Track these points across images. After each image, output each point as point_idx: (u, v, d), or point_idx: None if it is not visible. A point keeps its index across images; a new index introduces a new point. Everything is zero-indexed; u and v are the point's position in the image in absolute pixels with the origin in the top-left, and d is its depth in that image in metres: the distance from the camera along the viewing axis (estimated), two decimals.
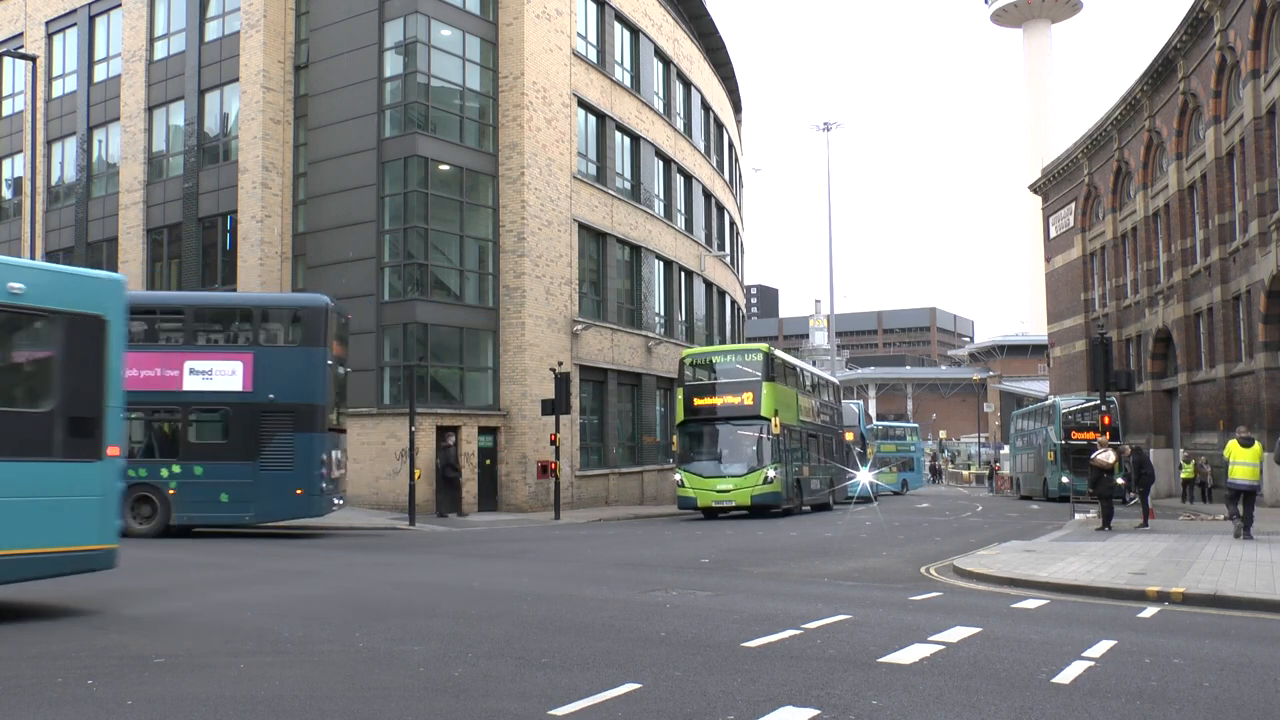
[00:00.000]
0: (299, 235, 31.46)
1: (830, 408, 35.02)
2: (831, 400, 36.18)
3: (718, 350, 30.12)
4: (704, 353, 30.50)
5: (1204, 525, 21.36)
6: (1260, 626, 9.10)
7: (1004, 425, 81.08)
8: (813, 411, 31.88)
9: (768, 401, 27.25)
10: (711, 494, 26.94)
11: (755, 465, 27.11)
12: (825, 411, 33.65)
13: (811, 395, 32.31)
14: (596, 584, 11.89)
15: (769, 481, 26.89)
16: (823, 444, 33.29)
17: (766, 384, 27.44)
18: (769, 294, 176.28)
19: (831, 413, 35.30)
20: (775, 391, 27.70)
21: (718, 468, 27.40)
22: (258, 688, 6.28)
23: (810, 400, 32.01)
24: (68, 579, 9.86)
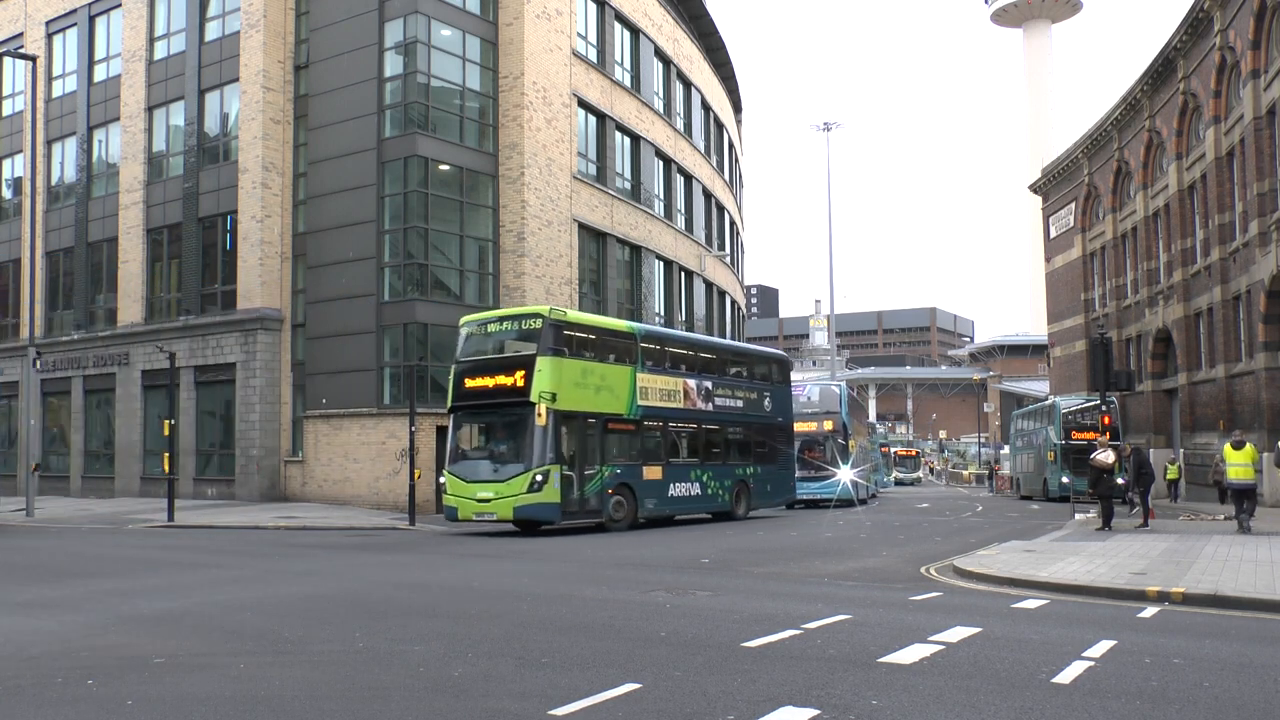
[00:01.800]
0: (299, 235, 31.47)
1: (752, 389, 27.69)
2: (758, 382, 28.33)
3: (495, 316, 23.07)
4: (481, 319, 23.09)
5: (1204, 525, 21.35)
6: (1260, 626, 9.10)
7: (1004, 425, 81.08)
8: (682, 395, 24.49)
9: (541, 381, 20.61)
10: (472, 503, 20.83)
11: (524, 467, 20.49)
12: (728, 395, 26.43)
13: (679, 374, 24.74)
14: (596, 584, 11.89)
15: (536, 488, 20.23)
16: (715, 438, 26.04)
17: (543, 359, 20.74)
18: (769, 294, 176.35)
19: (758, 396, 27.78)
20: (558, 369, 20.96)
21: (480, 469, 21.23)
22: (258, 688, 6.28)
23: (678, 381, 24.51)
24: (70, 578, 9.84)
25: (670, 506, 24.08)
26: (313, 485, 29.99)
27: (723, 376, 26.94)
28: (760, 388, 28.17)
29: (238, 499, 30.70)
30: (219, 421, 32.27)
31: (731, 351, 30.13)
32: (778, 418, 28.69)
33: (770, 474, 28.02)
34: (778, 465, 28.45)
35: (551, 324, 21.21)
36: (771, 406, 28.35)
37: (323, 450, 29.80)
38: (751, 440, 27.36)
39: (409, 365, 27.15)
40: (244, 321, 31.12)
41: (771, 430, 28.31)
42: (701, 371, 25.96)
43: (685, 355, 26.13)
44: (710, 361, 26.96)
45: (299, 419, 30.98)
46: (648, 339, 24.54)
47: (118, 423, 34.67)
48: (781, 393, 29.30)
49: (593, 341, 22.50)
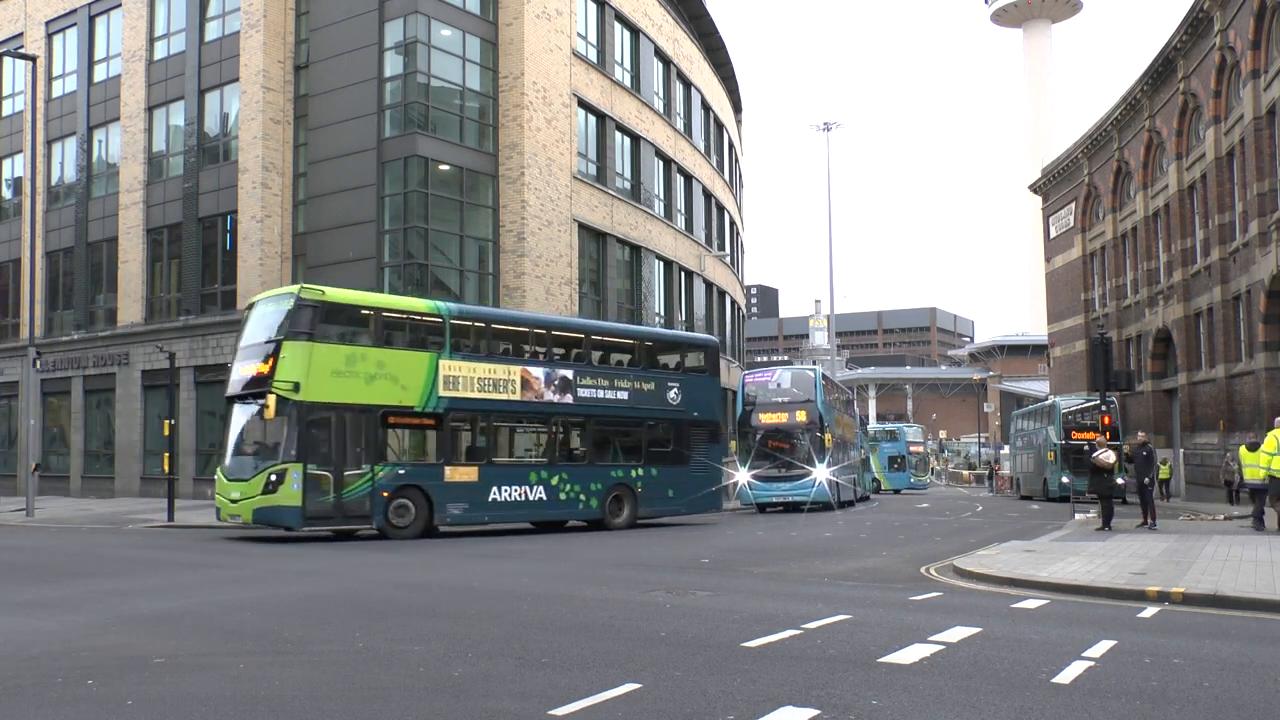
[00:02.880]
0: (299, 235, 31.47)
1: (649, 379, 23.96)
2: (660, 371, 24.79)
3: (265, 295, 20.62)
4: (254, 299, 20.79)
5: (1204, 525, 21.36)
6: (1260, 626, 9.10)
7: (1004, 425, 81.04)
8: (519, 385, 21.29)
9: (283, 369, 18.18)
10: (226, 503, 18.92)
11: (264, 464, 18.40)
12: (605, 386, 23.02)
13: (516, 361, 21.59)
14: (596, 584, 11.89)
15: (270, 488, 17.95)
16: (577, 435, 23.08)
17: (287, 344, 18.34)
18: (769, 294, 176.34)
19: (657, 387, 24.07)
20: (307, 356, 18.36)
21: (238, 466, 19.22)
22: (258, 688, 6.28)
23: (512, 368, 21.23)
24: (70, 578, 9.85)
25: (492, 513, 20.77)
26: None
27: (597, 364, 23.42)
28: (665, 378, 24.38)
29: None
30: (219, 421, 32.17)
31: (615, 335, 25.72)
32: (692, 412, 24.52)
33: (675, 477, 24.04)
34: (688, 467, 24.33)
35: (302, 304, 18.61)
36: (682, 399, 24.38)
37: None
38: (645, 438, 23.70)
39: None
40: None
41: (681, 427, 24.36)
42: (560, 358, 22.60)
43: (529, 339, 22.49)
44: (577, 346, 23.35)
45: None
46: (462, 319, 21.27)
47: (118, 423, 34.67)
48: (702, 384, 25.31)
49: (370, 324, 19.78)
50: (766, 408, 31.47)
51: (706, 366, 25.97)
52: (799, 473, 30.77)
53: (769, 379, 33.09)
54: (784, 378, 33.19)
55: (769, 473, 30.81)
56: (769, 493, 30.76)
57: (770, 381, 32.89)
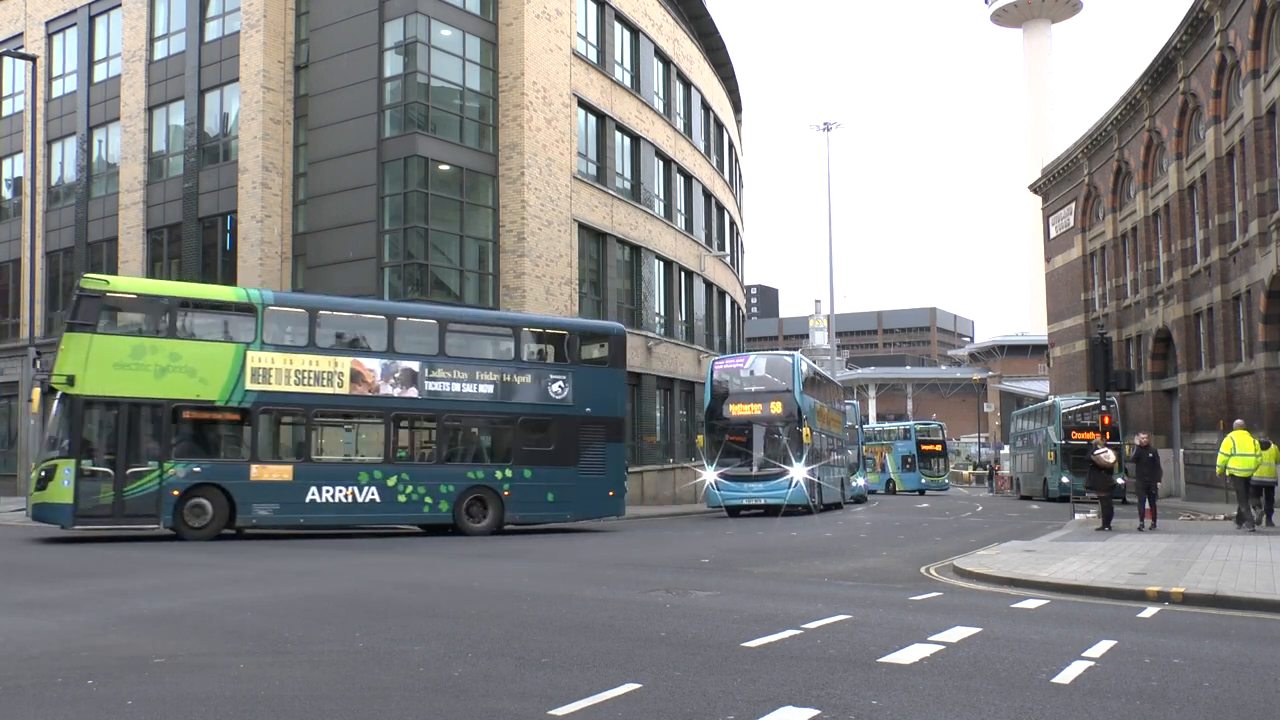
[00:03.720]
0: (299, 235, 31.48)
1: (526, 371, 21.95)
2: (540, 363, 22.64)
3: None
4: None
5: (1204, 525, 21.37)
6: (1260, 626, 9.10)
7: (1004, 425, 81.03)
8: (348, 378, 19.82)
9: (62, 361, 17.77)
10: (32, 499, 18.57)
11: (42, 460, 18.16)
12: (465, 379, 21.13)
13: (346, 352, 20.14)
14: (596, 584, 11.89)
15: (40, 485, 17.77)
16: (426, 432, 21.56)
17: (67, 336, 18.05)
18: (769, 294, 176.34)
19: (536, 380, 22.03)
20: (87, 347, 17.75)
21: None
22: (258, 688, 6.28)
23: (339, 360, 19.81)
24: (70, 578, 9.85)
25: (311, 514, 19.38)
26: None
27: (457, 355, 21.37)
28: (547, 370, 22.20)
29: None
30: None
31: (484, 323, 23.56)
32: (583, 408, 22.17)
33: (558, 480, 21.76)
34: (575, 469, 21.96)
35: (83, 295, 18.00)
36: (570, 393, 22.08)
37: None
38: (516, 436, 21.64)
39: None
40: None
41: (569, 424, 22.02)
42: (407, 349, 20.91)
43: (368, 328, 21.01)
44: (431, 335, 21.42)
45: None
46: (281, 307, 20.24)
47: None
48: (599, 377, 22.87)
49: (166, 315, 18.67)
50: (738, 398, 28.73)
51: (609, 357, 23.20)
52: (773, 471, 27.91)
53: (741, 366, 30.28)
54: (758, 365, 30.22)
55: (739, 471, 28.09)
56: (739, 494, 28.12)
57: (743, 369, 29.97)
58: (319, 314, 20.32)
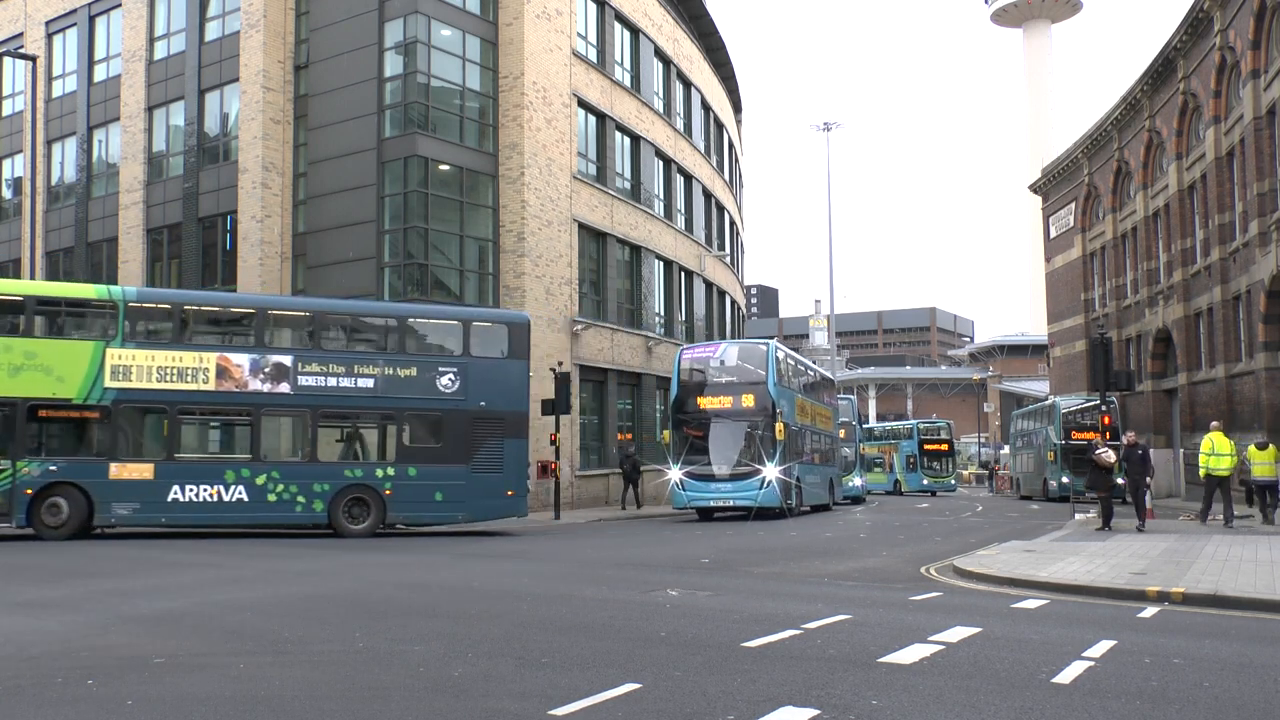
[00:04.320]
0: (299, 235, 31.48)
1: (410, 364, 20.94)
2: (423, 355, 21.54)
3: None
4: None
5: (1204, 525, 21.36)
6: (1260, 626, 9.10)
7: (1004, 425, 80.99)
8: (214, 374, 19.58)
9: None
10: None
11: None
12: (342, 373, 20.37)
13: (213, 348, 20.00)
14: (596, 584, 11.90)
15: None
16: (299, 428, 20.71)
17: None
18: (769, 294, 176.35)
19: (421, 373, 20.92)
20: None
21: None
22: (258, 688, 6.28)
23: (204, 356, 19.57)
24: (70, 578, 9.86)
25: (174, 514, 19.13)
26: None
27: (332, 349, 20.68)
28: (435, 362, 21.17)
29: None
30: None
31: (364, 315, 22.55)
32: (477, 402, 20.93)
33: (447, 478, 20.70)
34: (468, 467, 20.78)
35: None
36: (462, 387, 20.89)
37: None
38: (399, 432, 20.84)
39: None
40: None
41: (460, 420, 20.82)
42: (278, 342, 20.67)
43: (236, 322, 20.75)
44: (305, 328, 20.95)
45: None
46: (143, 303, 20.22)
47: None
48: (496, 369, 21.44)
49: (21, 314, 18.72)
50: (706, 390, 26.63)
51: (509, 349, 21.80)
52: (743, 471, 25.85)
53: (711, 355, 27.98)
54: (729, 354, 27.90)
55: (706, 470, 26.04)
56: (705, 495, 26.04)
57: (712, 358, 27.72)
58: (184, 309, 20.20)
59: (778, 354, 27.57)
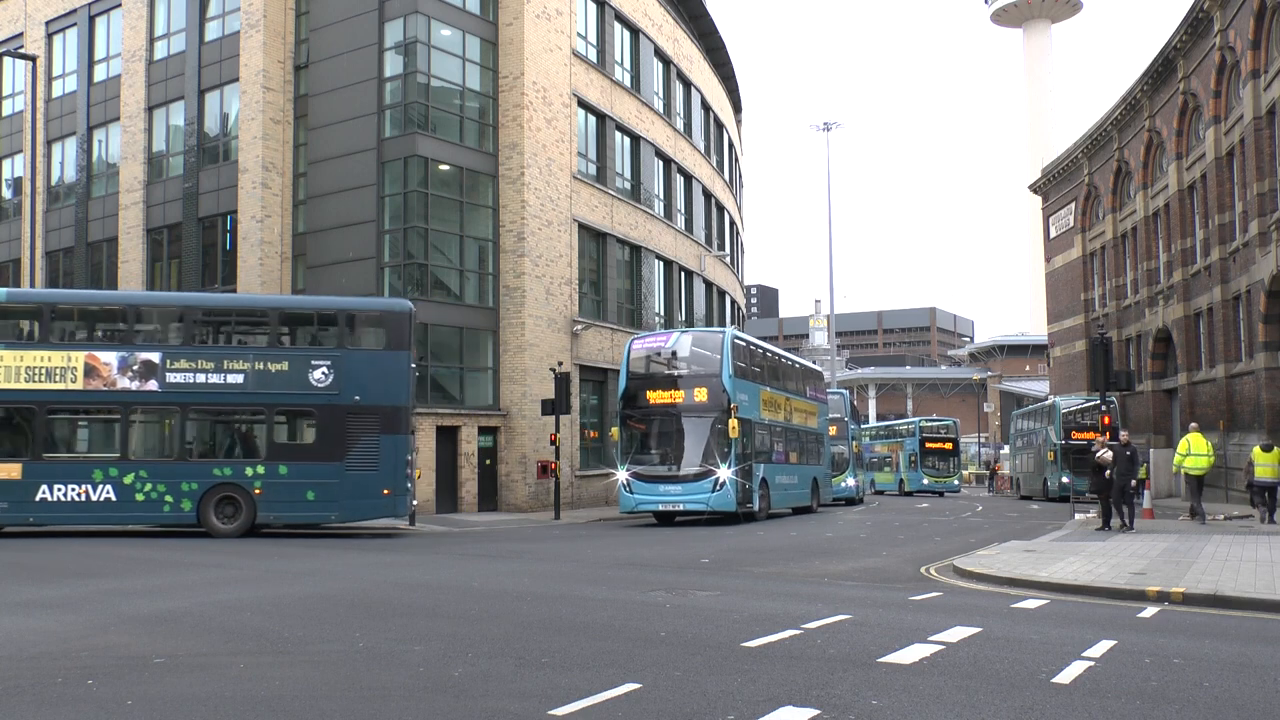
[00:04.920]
0: (299, 235, 31.48)
1: (282, 359, 20.53)
2: (294, 348, 21.14)
3: None
4: None
5: (1204, 525, 21.37)
6: (1260, 626, 9.10)
7: (1004, 425, 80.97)
8: (81, 373, 19.74)
9: None
10: None
11: None
12: (211, 368, 20.10)
13: (73, 346, 20.13)
14: (596, 584, 11.90)
15: None
16: (168, 426, 20.47)
17: None
18: (769, 294, 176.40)
19: (293, 368, 20.36)
20: None
21: None
22: (258, 688, 6.28)
23: (66, 354, 19.75)
24: (70, 578, 9.85)
25: (42, 513, 19.33)
26: None
27: (202, 344, 20.37)
28: (307, 356, 20.41)
29: None
30: None
31: (234, 308, 22.15)
32: (351, 396, 20.13)
33: (320, 476, 19.96)
34: (342, 465, 19.99)
35: None
36: (337, 381, 20.14)
37: None
38: (269, 429, 20.29)
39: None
40: None
41: (334, 415, 20.04)
42: (148, 339, 20.40)
43: (106, 320, 20.78)
44: (175, 323, 20.66)
45: None
46: (12, 303, 20.46)
47: None
48: (374, 362, 20.71)
49: None
50: (656, 383, 24.66)
51: (388, 340, 20.93)
52: (695, 472, 23.79)
53: (662, 344, 25.80)
54: (682, 343, 25.66)
55: (655, 471, 24.18)
56: (652, 497, 24.04)
57: (664, 348, 25.57)
58: (54, 308, 20.21)
59: (736, 343, 25.31)
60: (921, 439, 54.80)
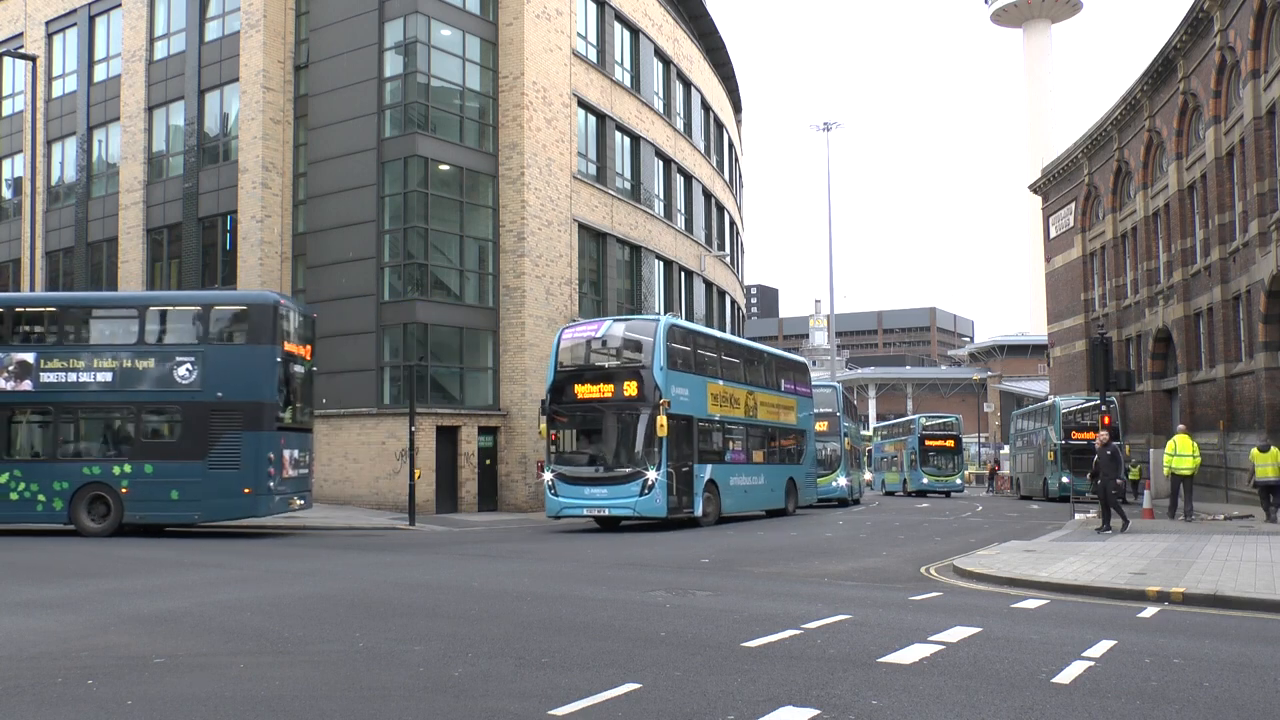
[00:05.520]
0: (299, 235, 31.48)
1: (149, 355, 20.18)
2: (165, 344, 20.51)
3: None
4: None
5: (1204, 525, 21.37)
6: (1260, 626, 9.10)
7: (1004, 425, 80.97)
8: None
9: None
10: None
11: None
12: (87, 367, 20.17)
13: None
14: (596, 584, 11.90)
15: None
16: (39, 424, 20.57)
17: None
18: (769, 294, 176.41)
19: (154, 364, 20.09)
20: None
21: None
22: (258, 687, 6.28)
23: None
24: (70, 578, 9.87)
25: None
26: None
27: (75, 343, 20.53)
28: (172, 352, 20.15)
29: None
30: None
31: (105, 305, 22.21)
32: (214, 393, 19.78)
33: (184, 475, 19.72)
34: (205, 463, 19.65)
35: None
36: (200, 377, 19.87)
37: (322, 450, 29.78)
38: (135, 427, 20.19)
39: (409, 365, 27.16)
40: None
41: (197, 412, 19.78)
42: (22, 339, 20.70)
43: None
44: (49, 324, 20.97)
45: None
46: None
47: None
48: (236, 356, 20.19)
49: None
50: (585, 376, 22.77)
51: (251, 335, 20.23)
52: (623, 473, 21.83)
53: (592, 334, 23.84)
54: (613, 333, 23.78)
55: (581, 472, 22.35)
56: (577, 500, 22.15)
57: (594, 338, 23.69)
58: None
59: (673, 332, 23.26)
60: (921, 436, 52.90)
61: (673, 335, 23.20)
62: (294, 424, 20.77)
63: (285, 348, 20.24)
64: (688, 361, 23.81)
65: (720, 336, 28.40)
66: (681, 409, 22.62)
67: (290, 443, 20.40)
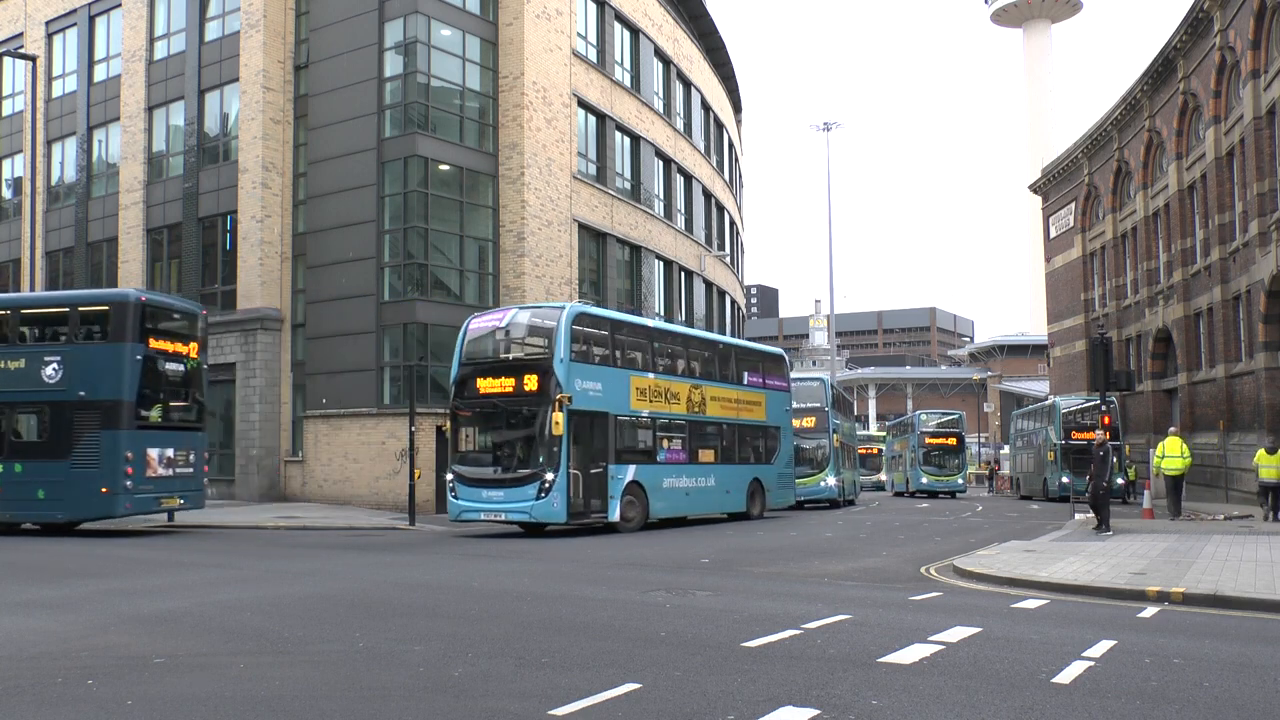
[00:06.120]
0: (299, 235, 31.49)
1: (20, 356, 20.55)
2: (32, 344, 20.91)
3: None
4: None
5: (1204, 525, 21.38)
6: (1260, 626, 9.10)
7: (1004, 425, 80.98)
8: None
9: None
10: None
11: None
12: None
13: None
14: (596, 584, 11.90)
15: None
16: None
17: None
18: (769, 294, 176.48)
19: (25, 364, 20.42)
20: None
21: None
22: (258, 687, 6.28)
23: None
24: (70, 578, 9.87)
25: None
26: (312, 485, 29.99)
27: None
28: (40, 352, 20.47)
29: (237, 499, 30.71)
30: (219, 421, 32.25)
31: None
32: (77, 392, 19.92)
33: (48, 474, 19.90)
34: (68, 462, 19.80)
35: None
36: (65, 376, 20.06)
37: (322, 450, 29.80)
38: (10, 427, 20.49)
39: (409, 365, 27.16)
40: (244, 321, 31.13)
41: (61, 411, 19.96)
42: None
43: None
44: None
45: (299, 419, 30.99)
46: None
47: None
48: (97, 355, 20.25)
49: None
50: (487, 370, 20.94)
51: (110, 332, 20.19)
52: (522, 475, 19.97)
53: (497, 324, 21.89)
54: (517, 323, 21.78)
55: (480, 473, 20.58)
56: (476, 504, 20.37)
57: (498, 329, 21.76)
58: None
59: (580, 320, 21.16)
60: (921, 434, 50.79)
61: (581, 323, 21.13)
62: (165, 423, 20.77)
63: (152, 345, 20.37)
64: (600, 353, 21.80)
65: (651, 325, 25.70)
66: (591, 404, 20.70)
67: (161, 441, 20.48)
